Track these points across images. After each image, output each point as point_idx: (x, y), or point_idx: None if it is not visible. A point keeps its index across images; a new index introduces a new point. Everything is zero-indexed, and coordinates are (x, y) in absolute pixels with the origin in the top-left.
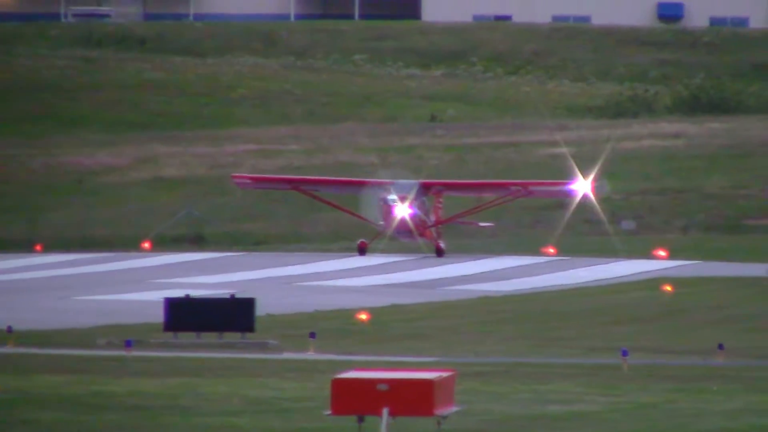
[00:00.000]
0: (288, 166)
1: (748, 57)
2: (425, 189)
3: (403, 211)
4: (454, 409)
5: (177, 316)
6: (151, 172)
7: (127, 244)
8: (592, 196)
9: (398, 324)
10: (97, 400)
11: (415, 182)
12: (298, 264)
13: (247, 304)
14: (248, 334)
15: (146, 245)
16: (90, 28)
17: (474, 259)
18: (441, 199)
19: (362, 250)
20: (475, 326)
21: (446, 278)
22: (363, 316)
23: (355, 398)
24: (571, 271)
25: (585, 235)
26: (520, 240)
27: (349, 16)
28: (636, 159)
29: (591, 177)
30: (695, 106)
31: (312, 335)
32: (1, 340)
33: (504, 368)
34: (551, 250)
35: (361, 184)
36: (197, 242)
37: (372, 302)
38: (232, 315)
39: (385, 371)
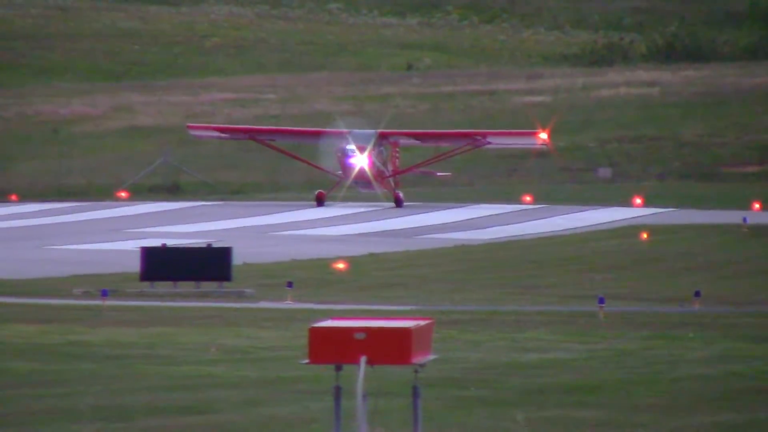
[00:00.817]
0: (264, 115)
1: (722, 5)
2: (383, 138)
3: (361, 160)
4: (431, 357)
5: (153, 266)
6: (127, 121)
7: (103, 193)
8: (549, 145)
9: (375, 273)
10: (72, 350)
11: (372, 131)
12: (275, 213)
13: (224, 253)
14: (225, 283)
15: (122, 194)
16: None
17: (450, 208)
18: (398, 149)
19: (320, 201)
20: (452, 275)
21: (423, 227)
22: (340, 265)
23: (332, 347)
24: (548, 219)
25: (561, 183)
26: (497, 189)
27: None
28: (612, 107)
29: (548, 128)
30: (670, 54)
31: (289, 284)
32: None
33: (481, 316)
34: (527, 199)
35: (318, 134)
36: (173, 191)
37: (349, 251)
38: (208, 264)
39: (362, 320)
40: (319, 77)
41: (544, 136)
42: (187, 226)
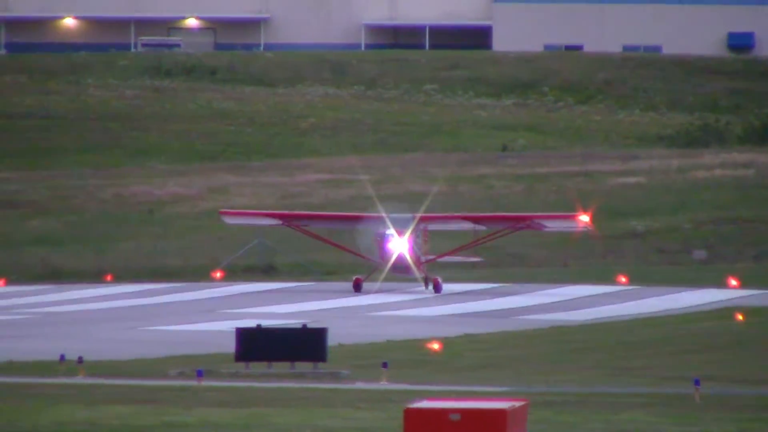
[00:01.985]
0: (358, 196)
1: None
2: (422, 222)
3: (400, 246)
4: None
5: (248, 346)
6: (222, 202)
7: (198, 273)
8: (592, 228)
9: (470, 353)
10: (167, 430)
11: (410, 216)
12: (369, 294)
13: (319, 334)
14: (320, 364)
15: (217, 275)
16: (160, 58)
17: (545, 289)
18: (428, 233)
19: (358, 287)
20: (548, 356)
21: (518, 308)
22: (435, 346)
23: (427, 428)
24: (642, 300)
25: (656, 265)
26: (592, 270)
27: (420, 46)
28: (707, 188)
29: (591, 210)
30: (766, 135)
31: (384, 365)
32: (71, 371)
33: (576, 398)
34: (623, 280)
35: (355, 219)
36: (268, 272)
37: (444, 332)
38: (303, 345)
39: (457, 401)
40: (414, 158)
41: (585, 218)
42: (282, 306)
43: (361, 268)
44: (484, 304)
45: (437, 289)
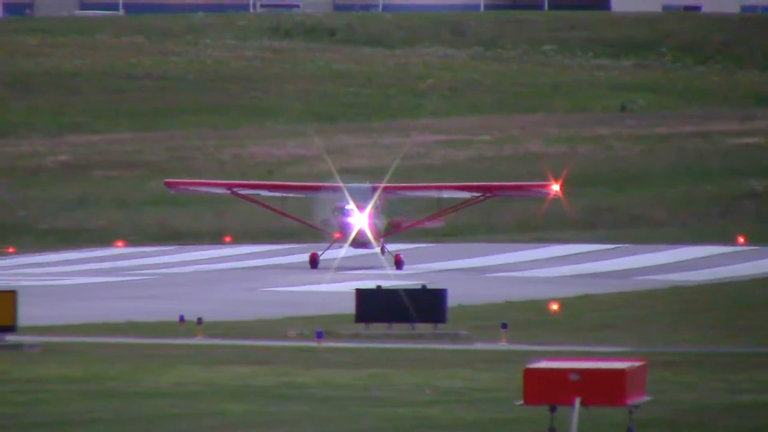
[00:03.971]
0: (477, 157)
1: None
2: (385, 193)
3: (360, 220)
4: (645, 398)
5: (368, 307)
6: (340, 163)
7: (317, 235)
8: (560, 196)
9: (589, 314)
10: (287, 391)
11: (368, 186)
12: (488, 255)
13: (439, 295)
14: (440, 325)
15: (336, 236)
16: (279, 18)
17: (664, 249)
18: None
19: (314, 263)
20: (666, 316)
21: (636, 268)
22: (554, 306)
23: (547, 388)
24: (761, 260)
25: None
26: (711, 230)
27: (538, 6)
28: None
29: (561, 178)
30: None
31: (504, 326)
32: (191, 332)
33: (695, 357)
34: (741, 240)
35: (308, 189)
36: (388, 233)
37: (562, 292)
38: (423, 306)
39: (576, 361)
40: (533, 119)
41: (556, 188)
42: (407, 266)
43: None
44: (603, 264)
45: (399, 265)
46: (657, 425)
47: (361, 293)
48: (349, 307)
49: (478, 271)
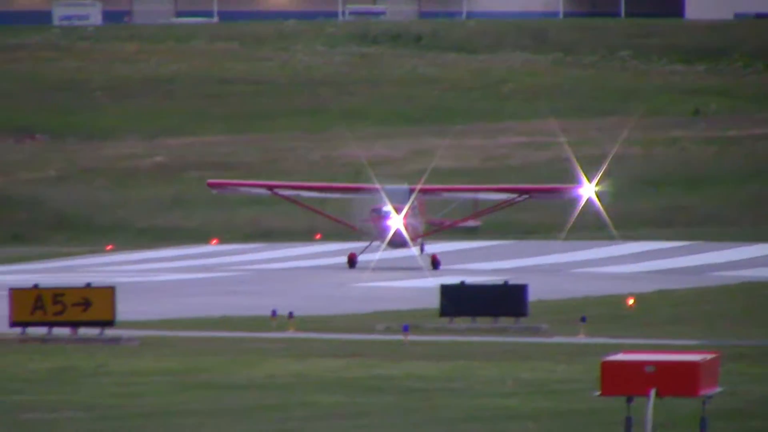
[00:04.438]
0: (556, 158)
1: None
2: (421, 194)
3: (397, 222)
4: (718, 389)
5: (452, 302)
6: (426, 163)
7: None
8: (596, 200)
9: (663, 308)
10: (375, 383)
11: (406, 188)
12: (568, 252)
13: (520, 290)
14: (521, 319)
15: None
16: (366, 25)
17: (736, 247)
18: (424, 206)
19: (352, 263)
20: (738, 311)
21: (709, 265)
22: (630, 302)
23: (623, 380)
24: None
25: None
26: None
27: (615, 14)
28: None
29: (595, 180)
30: None
31: (582, 319)
32: (283, 326)
33: (766, 351)
34: None
35: (346, 189)
36: (471, 231)
37: (638, 288)
38: (505, 300)
39: (652, 354)
40: (610, 121)
41: (589, 191)
42: (486, 263)
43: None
44: (677, 261)
45: (436, 265)
46: (729, 416)
47: (445, 289)
48: (434, 302)
49: (558, 268)
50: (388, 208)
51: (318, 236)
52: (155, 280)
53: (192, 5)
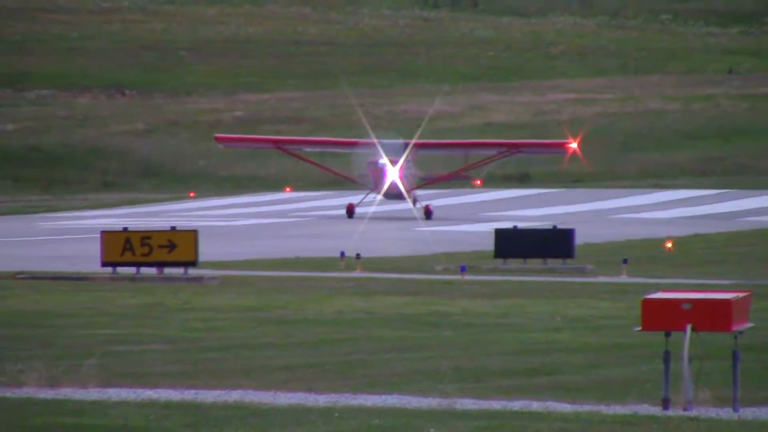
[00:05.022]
0: (603, 113)
1: None
2: (415, 148)
3: (393, 174)
4: (749, 325)
5: (506, 245)
6: (482, 119)
7: (460, 182)
8: (579, 153)
9: (700, 251)
10: (434, 319)
11: (401, 142)
12: (612, 199)
13: (568, 234)
14: (568, 260)
15: (477, 183)
16: None
17: (766, 194)
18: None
19: (350, 213)
20: None
21: (742, 210)
22: (668, 244)
23: (662, 316)
24: None
25: None
26: None
27: None
28: None
29: (579, 136)
30: None
31: (624, 261)
32: (350, 266)
33: None
34: None
35: (346, 144)
36: (523, 180)
37: (676, 232)
38: (554, 243)
39: (688, 292)
40: (652, 79)
41: (574, 145)
42: (536, 210)
43: (603, 176)
44: (713, 207)
45: (428, 215)
46: (760, 349)
47: (499, 233)
48: (489, 244)
49: (603, 213)
50: (385, 161)
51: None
52: (234, 224)
53: None
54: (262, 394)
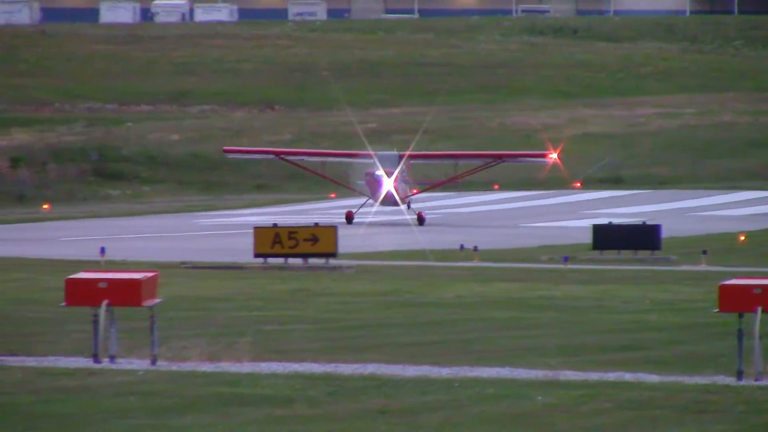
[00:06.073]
0: (684, 125)
1: None
2: (410, 159)
3: (388, 184)
4: None
5: (602, 238)
6: (580, 130)
7: (562, 184)
8: (560, 164)
9: None
10: (540, 302)
11: (395, 153)
12: (693, 198)
13: (655, 229)
14: (656, 252)
15: (577, 185)
16: (534, 20)
17: None
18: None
19: (349, 220)
20: None
21: None
22: (742, 238)
23: (736, 299)
24: None
25: None
26: None
27: (730, 11)
28: None
29: (559, 148)
30: None
31: (704, 252)
32: (468, 257)
33: None
34: None
35: (344, 156)
36: (617, 182)
37: (750, 227)
38: (643, 237)
39: (759, 279)
40: (727, 96)
41: (554, 156)
42: (628, 208)
43: (686, 179)
44: None
45: (421, 221)
46: None
47: (596, 228)
48: (587, 238)
49: (686, 211)
50: (381, 171)
51: (496, 186)
52: (366, 221)
53: (398, 4)
54: (393, 367)
